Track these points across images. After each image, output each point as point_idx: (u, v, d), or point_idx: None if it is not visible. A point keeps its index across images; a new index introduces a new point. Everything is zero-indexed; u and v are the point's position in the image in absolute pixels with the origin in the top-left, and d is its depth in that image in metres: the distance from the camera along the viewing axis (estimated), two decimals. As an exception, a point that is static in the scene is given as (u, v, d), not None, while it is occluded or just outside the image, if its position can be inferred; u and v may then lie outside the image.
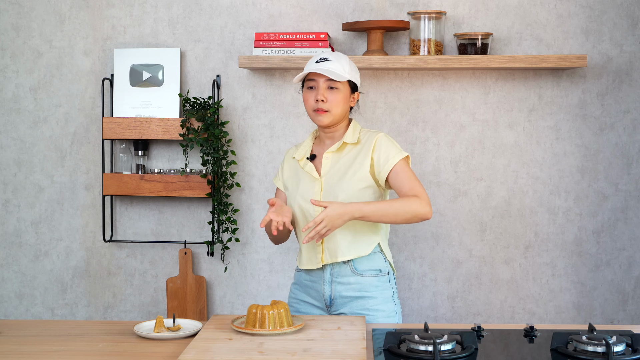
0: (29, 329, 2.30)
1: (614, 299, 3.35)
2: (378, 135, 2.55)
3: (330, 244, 2.52)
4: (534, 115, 3.32)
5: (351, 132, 2.57)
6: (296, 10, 3.34)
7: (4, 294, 3.51)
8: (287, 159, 2.68)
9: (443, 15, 3.21)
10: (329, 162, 2.56)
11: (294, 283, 2.67)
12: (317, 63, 2.51)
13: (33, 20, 3.41)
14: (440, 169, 3.35)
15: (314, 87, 2.52)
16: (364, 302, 2.52)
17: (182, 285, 3.40)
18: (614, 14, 3.27)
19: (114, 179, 3.32)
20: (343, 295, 2.53)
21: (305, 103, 2.55)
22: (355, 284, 2.53)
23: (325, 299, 2.55)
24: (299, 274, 2.65)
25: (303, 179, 2.58)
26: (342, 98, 2.52)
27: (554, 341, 2.05)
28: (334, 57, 2.52)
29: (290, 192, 2.61)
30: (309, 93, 2.53)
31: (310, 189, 2.55)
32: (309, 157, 2.60)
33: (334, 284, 2.53)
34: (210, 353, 1.96)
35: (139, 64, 3.35)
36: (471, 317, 3.38)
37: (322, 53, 2.55)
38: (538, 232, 3.35)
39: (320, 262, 2.53)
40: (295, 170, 2.63)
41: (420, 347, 1.98)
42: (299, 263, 2.62)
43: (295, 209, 2.57)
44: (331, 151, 2.56)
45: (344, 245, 2.51)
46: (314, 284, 2.58)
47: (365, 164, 2.52)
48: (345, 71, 2.50)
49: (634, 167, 3.31)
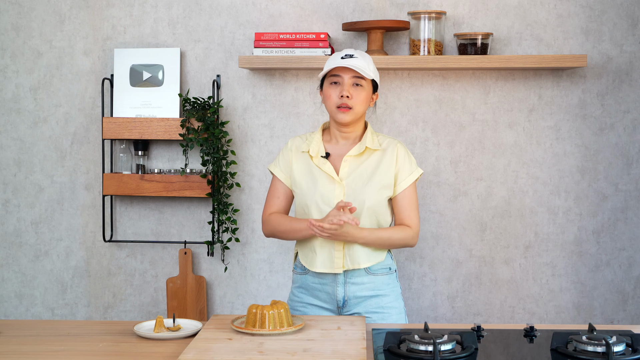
0: (29, 329, 2.30)
1: (614, 299, 3.36)
2: (398, 145, 2.54)
3: (352, 251, 2.50)
4: (534, 115, 3.32)
5: (370, 137, 2.53)
6: (296, 10, 3.34)
7: (4, 294, 3.51)
8: (294, 152, 2.58)
9: (443, 15, 3.21)
10: (348, 165, 2.51)
11: (298, 286, 2.60)
12: (342, 59, 2.46)
13: (33, 20, 3.41)
14: (440, 169, 3.35)
15: (339, 83, 2.47)
16: (377, 300, 2.53)
17: (182, 285, 3.40)
18: (614, 14, 3.27)
19: (114, 179, 3.32)
20: (357, 296, 2.52)
21: (327, 99, 2.49)
22: (368, 283, 2.53)
23: (338, 301, 2.53)
24: (304, 277, 2.58)
25: (320, 179, 2.51)
26: (365, 96, 2.49)
27: (554, 341, 2.05)
28: (358, 54, 2.49)
29: (304, 191, 2.53)
30: (332, 88, 2.48)
31: (331, 191, 2.49)
32: (324, 155, 2.53)
33: (347, 285, 2.52)
34: (210, 353, 1.96)
35: (139, 64, 3.35)
36: (471, 317, 3.38)
37: (346, 50, 2.51)
38: (538, 232, 3.35)
39: (341, 267, 2.50)
40: (307, 166, 2.54)
41: (420, 347, 1.98)
42: (310, 265, 2.54)
43: (312, 209, 2.51)
44: (352, 154, 2.52)
45: (366, 253, 2.51)
46: (325, 286, 2.54)
47: (390, 172, 2.50)
48: (370, 70, 2.48)
49: (634, 167, 3.31)
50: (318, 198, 2.49)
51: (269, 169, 2.63)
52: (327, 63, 2.51)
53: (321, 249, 2.51)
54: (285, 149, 2.61)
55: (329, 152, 2.55)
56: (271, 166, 2.63)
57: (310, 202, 2.51)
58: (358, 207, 2.47)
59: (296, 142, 2.60)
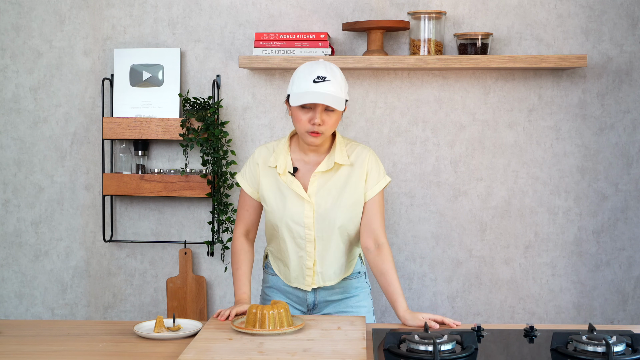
0: (29, 329, 2.30)
1: (614, 299, 3.36)
2: (368, 156, 2.46)
3: (323, 268, 2.50)
4: (534, 115, 3.32)
5: (339, 150, 2.44)
6: (296, 10, 3.34)
7: (4, 294, 3.51)
8: (261, 166, 2.49)
9: (443, 15, 3.21)
10: (317, 181, 2.44)
11: (269, 287, 2.62)
12: (315, 83, 2.32)
13: (33, 20, 3.41)
14: (440, 169, 3.35)
15: (310, 108, 2.34)
16: (347, 301, 2.57)
17: (182, 285, 3.40)
18: (614, 14, 3.27)
19: (114, 179, 3.32)
20: (327, 300, 2.57)
21: (297, 122, 2.36)
22: (338, 287, 2.56)
23: (308, 304, 2.57)
24: (276, 278, 2.60)
25: (289, 197, 2.44)
26: (337, 119, 2.37)
27: (554, 341, 2.05)
28: (330, 75, 2.34)
29: (274, 208, 2.46)
30: (302, 113, 2.35)
31: (300, 210, 2.43)
32: (291, 172, 2.45)
33: (318, 291, 2.55)
34: (210, 353, 1.96)
35: (139, 64, 3.35)
36: (471, 317, 3.38)
37: (317, 68, 2.35)
38: (538, 232, 3.35)
39: (310, 285, 2.52)
40: (275, 182, 2.47)
41: (420, 347, 1.98)
42: (286, 278, 2.56)
43: (282, 228, 2.47)
44: (321, 171, 2.43)
45: (337, 270, 2.53)
46: (296, 290, 2.57)
47: (359, 187, 2.45)
48: (343, 92, 2.36)
49: (634, 167, 3.31)
50: (288, 218, 2.45)
51: (236, 180, 2.56)
52: (296, 82, 2.36)
53: (294, 265, 2.51)
54: (251, 161, 2.52)
55: (296, 167, 2.46)
56: (238, 177, 2.56)
57: (279, 222, 2.47)
58: (329, 226, 2.44)
59: (263, 154, 2.50)
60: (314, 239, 2.45)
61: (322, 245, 2.47)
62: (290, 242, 2.48)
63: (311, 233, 2.45)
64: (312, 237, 2.45)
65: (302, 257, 2.48)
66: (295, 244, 2.47)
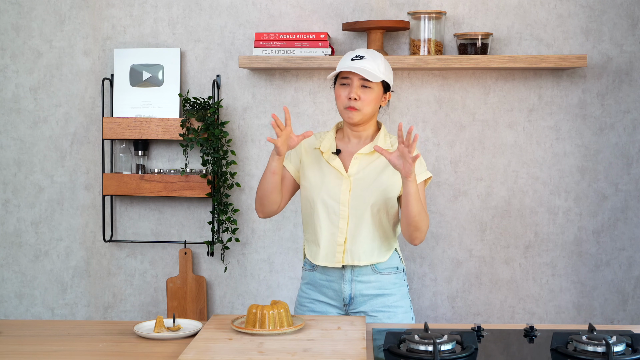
0: (29, 329, 2.30)
1: (614, 299, 3.36)
2: None
3: (353, 246, 2.52)
4: (534, 115, 3.32)
5: (383, 137, 2.56)
6: (296, 10, 3.34)
7: (4, 294, 3.51)
8: (305, 147, 2.61)
9: (443, 15, 3.21)
10: (358, 163, 2.54)
11: (306, 283, 2.63)
12: (352, 60, 2.48)
13: (33, 20, 3.41)
14: (440, 169, 3.35)
15: (348, 84, 2.49)
16: (384, 299, 2.55)
17: (182, 285, 3.40)
18: (614, 14, 3.27)
19: (114, 179, 3.32)
20: (363, 294, 2.54)
21: (337, 99, 2.52)
22: (375, 282, 2.55)
23: (344, 298, 2.55)
24: (312, 273, 2.61)
25: (328, 175, 2.54)
26: (374, 97, 2.50)
27: (554, 341, 2.05)
28: (369, 55, 2.50)
29: (313, 185, 2.55)
30: (342, 89, 2.51)
31: (338, 186, 2.52)
32: (335, 152, 2.56)
33: (354, 283, 2.54)
34: (210, 353, 1.96)
35: (139, 64, 3.35)
36: (471, 317, 3.38)
37: (358, 50, 2.53)
38: (538, 232, 3.35)
39: (340, 262, 2.52)
40: (317, 162, 2.58)
41: (420, 347, 1.98)
42: (314, 259, 2.57)
43: (318, 204, 2.54)
44: (363, 152, 2.54)
45: (367, 250, 2.52)
46: (332, 283, 2.56)
47: (397, 174, 2.50)
48: (380, 71, 2.48)
49: (634, 167, 3.32)
50: (324, 193, 2.53)
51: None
52: (339, 63, 2.54)
53: (325, 242, 2.54)
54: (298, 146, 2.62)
55: (339, 149, 2.58)
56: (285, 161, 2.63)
57: (316, 197, 2.54)
58: (363, 204, 2.50)
59: (309, 140, 2.62)
60: (347, 215, 2.50)
61: (354, 224, 2.51)
62: (324, 219, 2.52)
63: (345, 209, 2.50)
64: (345, 213, 2.50)
65: (334, 233, 2.52)
66: (329, 221, 2.52)
